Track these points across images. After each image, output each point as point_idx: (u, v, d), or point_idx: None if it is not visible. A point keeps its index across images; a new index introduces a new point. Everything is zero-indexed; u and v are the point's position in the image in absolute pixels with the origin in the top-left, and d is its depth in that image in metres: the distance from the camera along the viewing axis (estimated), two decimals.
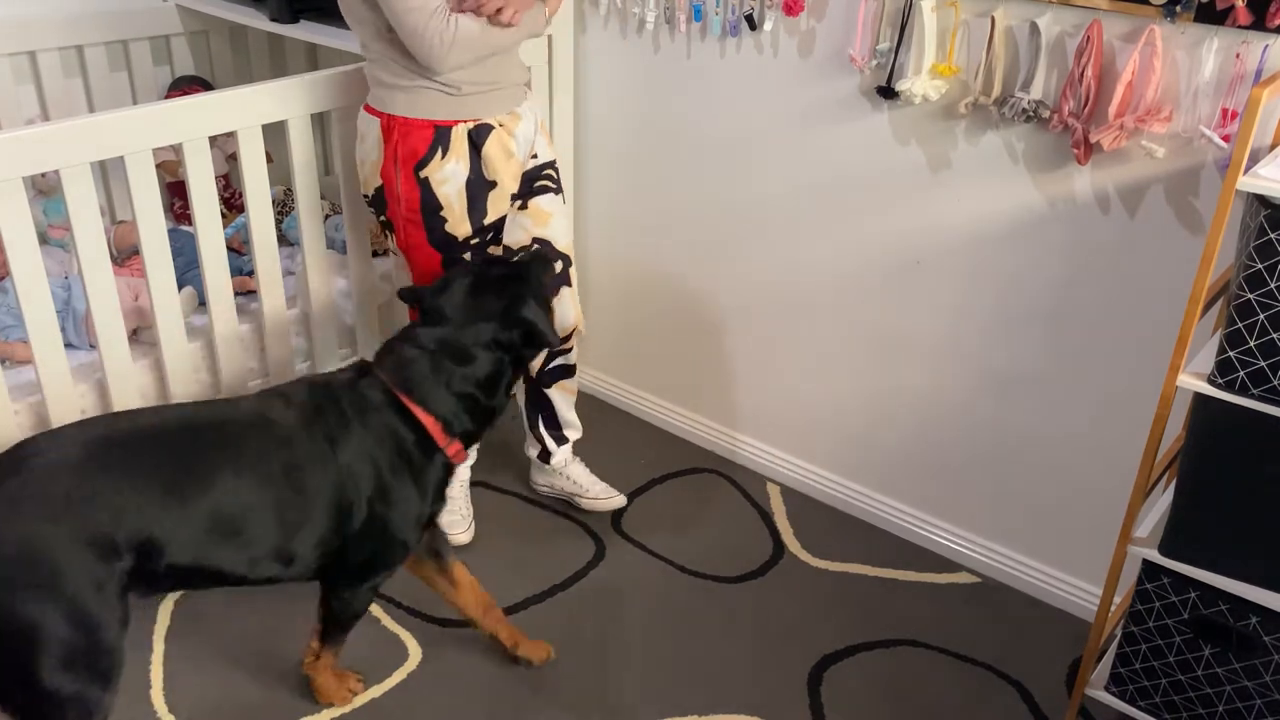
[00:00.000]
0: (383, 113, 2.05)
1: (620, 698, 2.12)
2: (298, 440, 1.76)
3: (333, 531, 1.80)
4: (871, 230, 2.39)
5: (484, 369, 1.89)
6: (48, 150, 1.88)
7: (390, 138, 2.05)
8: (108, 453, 1.62)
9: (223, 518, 1.69)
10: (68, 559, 1.53)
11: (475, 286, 1.93)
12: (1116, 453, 2.19)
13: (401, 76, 2.01)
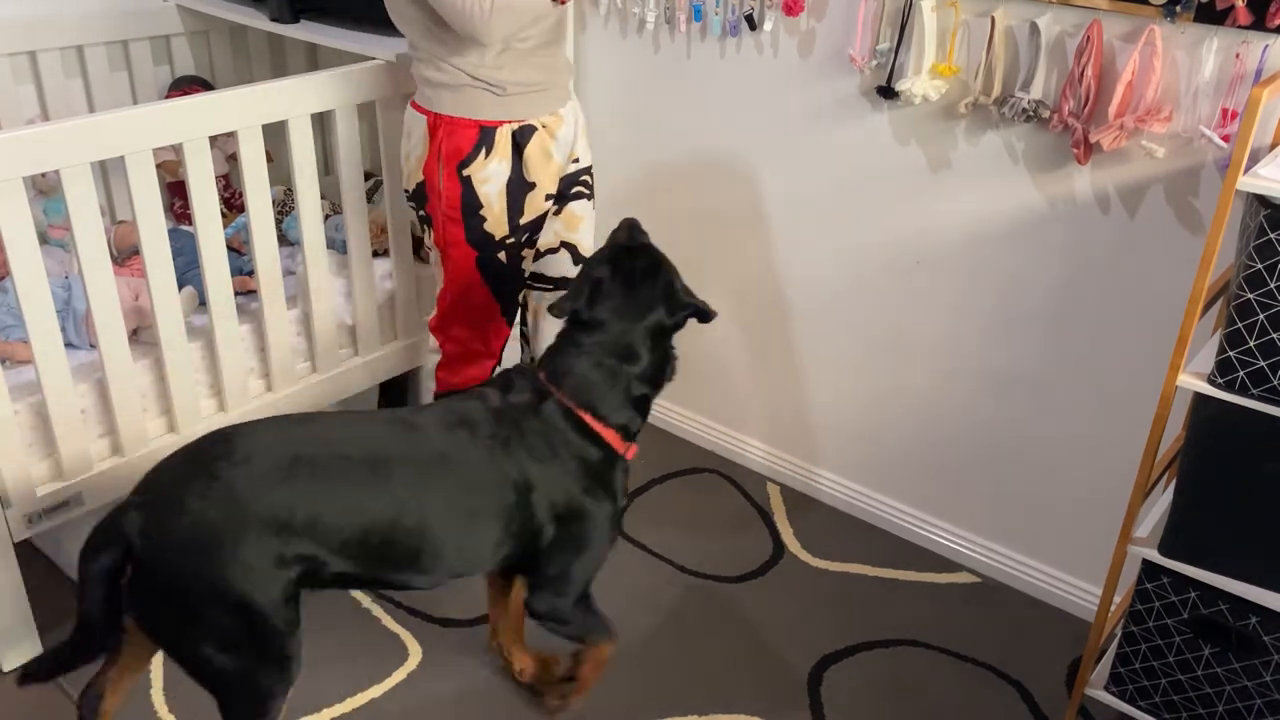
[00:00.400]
0: (429, 111, 2.06)
1: (620, 698, 2.12)
2: (485, 476, 1.75)
3: (519, 553, 1.81)
4: (871, 230, 2.39)
5: (654, 364, 1.87)
6: (48, 150, 1.88)
7: (435, 135, 2.06)
8: (306, 464, 1.63)
9: (403, 547, 1.69)
10: (235, 560, 1.56)
11: (625, 283, 1.86)
12: (1116, 453, 2.19)
13: (449, 75, 2.01)
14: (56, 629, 2.22)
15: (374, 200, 2.77)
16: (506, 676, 2.16)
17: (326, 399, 2.52)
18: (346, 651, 2.19)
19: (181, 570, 1.55)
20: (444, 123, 2.05)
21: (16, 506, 2.03)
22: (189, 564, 1.55)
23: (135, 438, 2.19)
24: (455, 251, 2.15)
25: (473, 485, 1.74)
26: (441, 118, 2.05)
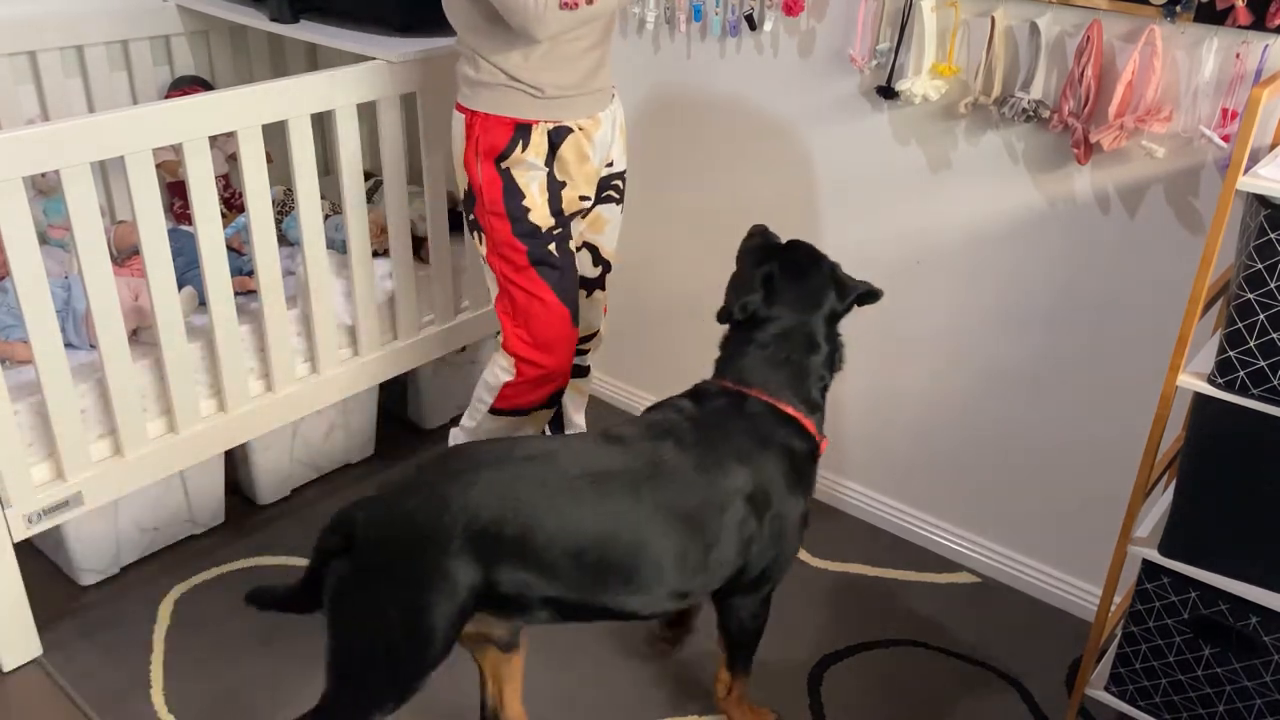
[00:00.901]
0: (467, 109, 2.07)
1: (620, 697, 2.12)
2: (700, 486, 1.70)
3: (736, 566, 1.76)
4: (871, 230, 2.39)
5: (832, 351, 1.87)
6: (48, 150, 1.88)
7: (472, 133, 2.06)
8: (524, 481, 1.62)
9: (619, 568, 1.65)
10: (448, 563, 1.57)
11: (793, 275, 1.86)
12: (1116, 453, 2.19)
13: (487, 74, 2.01)
14: (56, 628, 2.22)
15: (374, 200, 2.77)
16: None
17: (326, 399, 2.52)
18: None
19: (383, 563, 1.58)
20: (480, 119, 2.05)
21: (16, 506, 2.03)
22: (392, 558, 1.57)
23: (135, 438, 2.19)
24: (508, 250, 2.12)
25: (689, 496, 1.69)
26: (477, 115, 2.05)
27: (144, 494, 2.36)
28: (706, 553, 1.71)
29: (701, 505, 1.69)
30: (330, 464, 2.76)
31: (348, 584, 1.60)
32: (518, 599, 1.63)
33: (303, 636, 2.22)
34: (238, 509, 2.61)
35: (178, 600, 2.32)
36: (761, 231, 1.99)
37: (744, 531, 1.73)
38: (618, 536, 1.64)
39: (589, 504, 1.64)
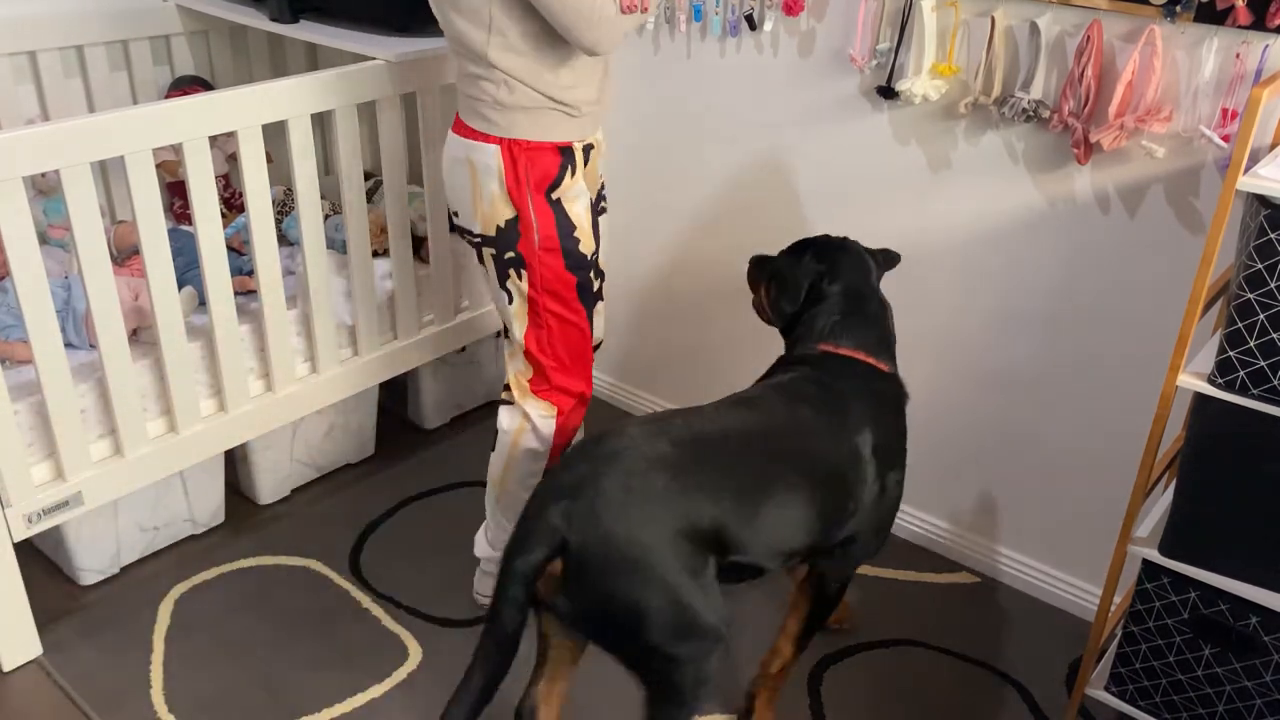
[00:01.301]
0: (504, 138, 1.89)
1: (620, 697, 2.12)
2: (835, 443, 1.80)
3: (860, 523, 1.85)
4: (871, 230, 2.39)
5: (887, 308, 2.03)
6: (48, 150, 1.88)
7: (515, 163, 1.91)
8: (692, 454, 1.65)
9: (781, 520, 1.72)
10: (665, 550, 1.58)
11: (840, 257, 2.03)
12: (1116, 453, 2.19)
13: (525, 97, 1.87)
14: (56, 628, 2.22)
15: (374, 200, 2.77)
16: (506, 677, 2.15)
17: (326, 399, 2.52)
18: (346, 651, 2.19)
19: (623, 558, 1.55)
20: (523, 148, 1.90)
21: (16, 506, 2.03)
22: (629, 552, 1.55)
23: (135, 438, 2.19)
24: (558, 285, 2.01)
25: (833, 453, 1.80)
26: (519, 143, 1.90)
27: (144, 494, 2.36)
28: (844, 507, 1.80)
29: (842, 461, 1.80)
30: (330, 464, 2.76)
31: (600, 599, 1.57)
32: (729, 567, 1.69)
33: (303, 636, 2.23)
34: (238, 509, 2.61)
35: (178, 600, 2.32)
36: (760, 258, 2.16)
37: (872, 487, 1.84)
38: (782, 495, 1.71)
39: (758, 466, 1.70)
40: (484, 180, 1.93)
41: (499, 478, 2.18)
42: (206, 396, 2.33)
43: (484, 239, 1.99)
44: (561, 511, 1.57)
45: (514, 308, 2.04)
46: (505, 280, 2.02)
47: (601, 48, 1.82)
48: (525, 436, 2.12)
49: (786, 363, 1.98)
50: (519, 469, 2.15)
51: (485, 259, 2.02)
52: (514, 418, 2.13)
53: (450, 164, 1.98)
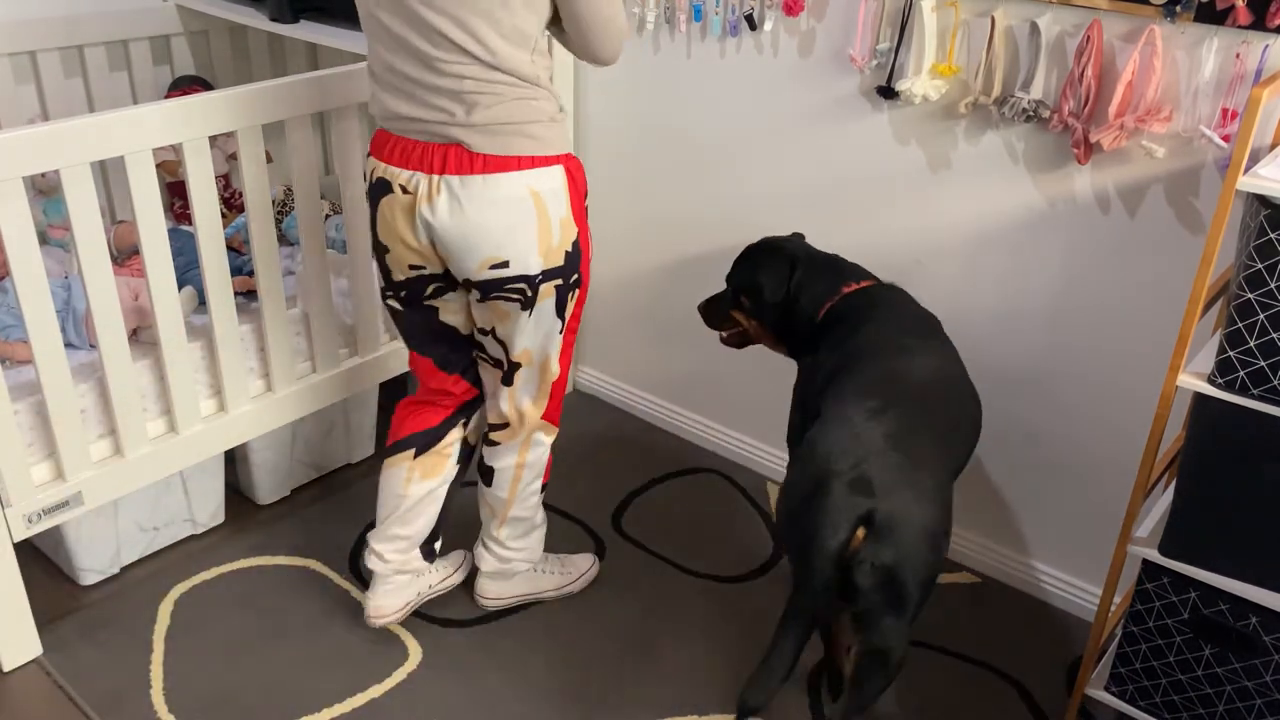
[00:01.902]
0: (560, 155, 1.81)
1: (620, 697, 2.12)
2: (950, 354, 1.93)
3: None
4: (871, 230, 2.39)
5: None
6: (48, 150, 1.88)
7: (575, 179, 1.85)
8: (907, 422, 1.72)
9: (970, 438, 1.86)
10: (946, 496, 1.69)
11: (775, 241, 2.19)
12: (1116, 453, 2.19)
13: (556, 108, 1.81)
14: (56, 628, 2.22)
15: None
16: (506, 676, 2.16)
17: (326, 399, 2.52)
18: (346, 651, 2.20)
19: (921, 514, 1.64)
20: (570, 161, 1.84)
21: (16, 506, 2.03)
22: (923, 508, 1.64)
23: (135, 438, 2.19)
24: (583, 295, 1.99)
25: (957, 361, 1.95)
26: (569, 157, 1.84)
27: (144, 494, 2.36)
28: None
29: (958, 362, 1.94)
30: (330, 464, 2.76)
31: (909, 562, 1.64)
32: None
33: (303, 637, 2.23)
34: (238, 509, 2.61)
35: (178, 600, 2.32)
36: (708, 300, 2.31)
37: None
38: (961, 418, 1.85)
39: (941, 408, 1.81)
40: (553, 208, 1.80)
41: (504, 506, 2.16)
42: (206, 396, 2.33)
43: (548, 273, 1.85)
44: (855, 488, 1.63)
45: (560, 336, 1.96)
46: (564, 309, 1.93)
47: (617, 58, 1.82)
48: (527, 470, 2.13)
49: (837, 321, 2.04)
50: (525, 492, 2.16)
51: (542, 296, 1.88)
52: (513, 453, 2.10)
53: (499, 206, 1.76)
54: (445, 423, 2.13)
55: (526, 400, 2.04)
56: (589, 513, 2.63)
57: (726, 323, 2.28)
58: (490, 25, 1.68)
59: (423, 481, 2.13)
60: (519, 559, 2.25)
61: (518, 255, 1.81)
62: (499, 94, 1.73)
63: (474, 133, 1.74)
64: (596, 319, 3.07)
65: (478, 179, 1.75)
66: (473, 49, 1.69)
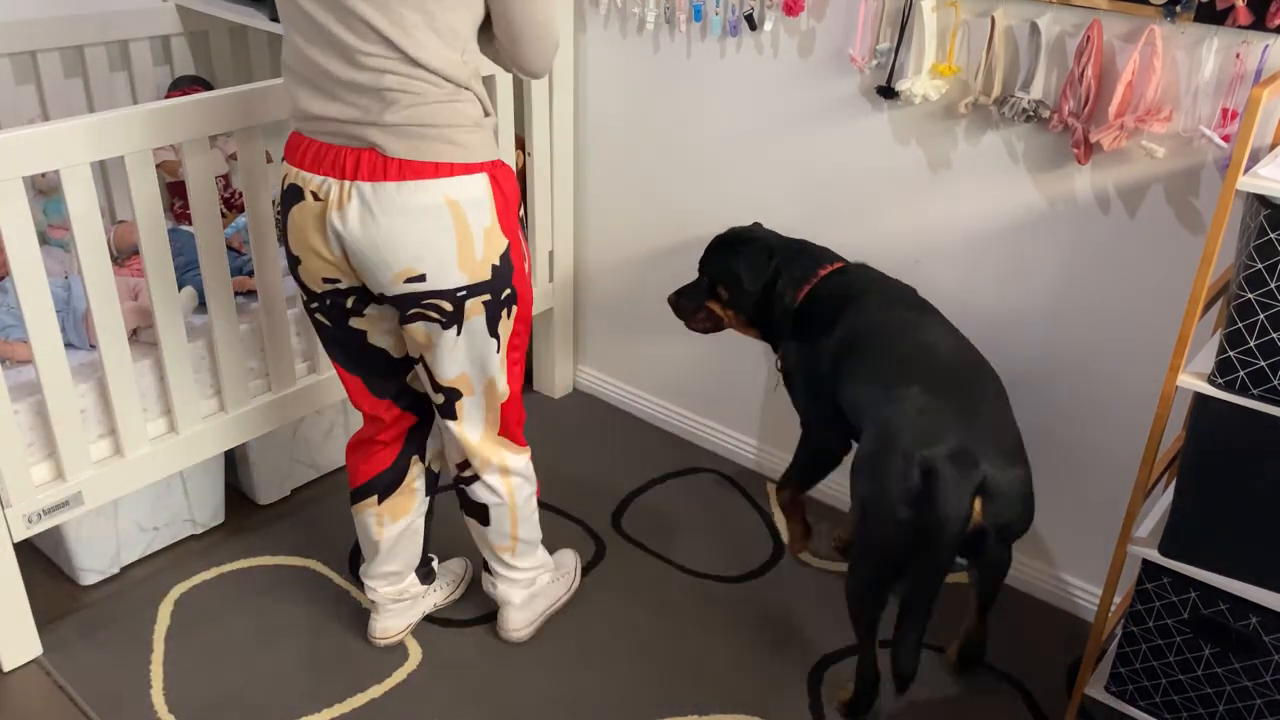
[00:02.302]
0: (485, 162, 1.69)
1: (620, 697, 2.12)
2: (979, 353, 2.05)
3: None
4: (871, 230, 2.39)
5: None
6: (48, 150, 1.88)
7: (503, 186, 1.72)
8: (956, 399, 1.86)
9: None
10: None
11: (743, 230, 2.32)
12: (1116, 453, 2.19)
13: (477, 109, 1.68)
14: (56, 628, 2.22)
15: None
16: (506, 676, 2.16)
17: (326, 399, 2.52)
18: (346, 651, 2.20)
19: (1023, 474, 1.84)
20: (499, 167, 1.72)
21: (16, 506, 2.03)
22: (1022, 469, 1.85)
23: (135, 438, 2.19)
24: (527, 310, 1.86)
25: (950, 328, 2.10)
26: (496, 164, 1.72)
27: (144, 494, 2.36)
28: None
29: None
30: (330, 464, 2.76)
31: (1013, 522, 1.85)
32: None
33: (303, 637, 2.23)
34: (238, 509, 2.61)
35: (178, 600, 2.32)
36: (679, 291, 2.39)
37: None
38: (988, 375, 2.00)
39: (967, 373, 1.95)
40: (474, 218, 1.68)
41: (511, 539, 2.09)
42: (206, 396, 2.33)
43: (472, 288, 1.73)
44: (958, 462, 1.76)
45: (500, 354, 1.84)
46: (498, 325, 1.80)
47: (546, 70, 1.73)
48: (517, 495, 2.04)
49: (820, 301, 2.14)
50: (524, 515, 2.08)
51: (468, 314, 1.75)
52: (498, 483, 2.00)
53: (407, 217, 1.65)
54: (398, 460, 2.04)
55: (474, 432, 1.91)
56: (589, 513, 2.63)
57: (700, 313, 2.35)
58: (421, 17, 1.57)
59: (394, 524, 2.08)
60: (541, 575, 2.22)
61: (435, 268, 1.68)
62: (420, 93, 1.61)
63: (389, 134, 1.62)
64: (597, 319, 3.07)
65: (391, 186, 1.63)
66: (399, 41, 1.58)
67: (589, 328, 3.10)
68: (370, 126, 1.63)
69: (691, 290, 2.36)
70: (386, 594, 2.15)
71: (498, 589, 2.18)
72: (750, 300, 2.24)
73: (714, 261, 2.30)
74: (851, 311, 2.06)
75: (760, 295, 2.22)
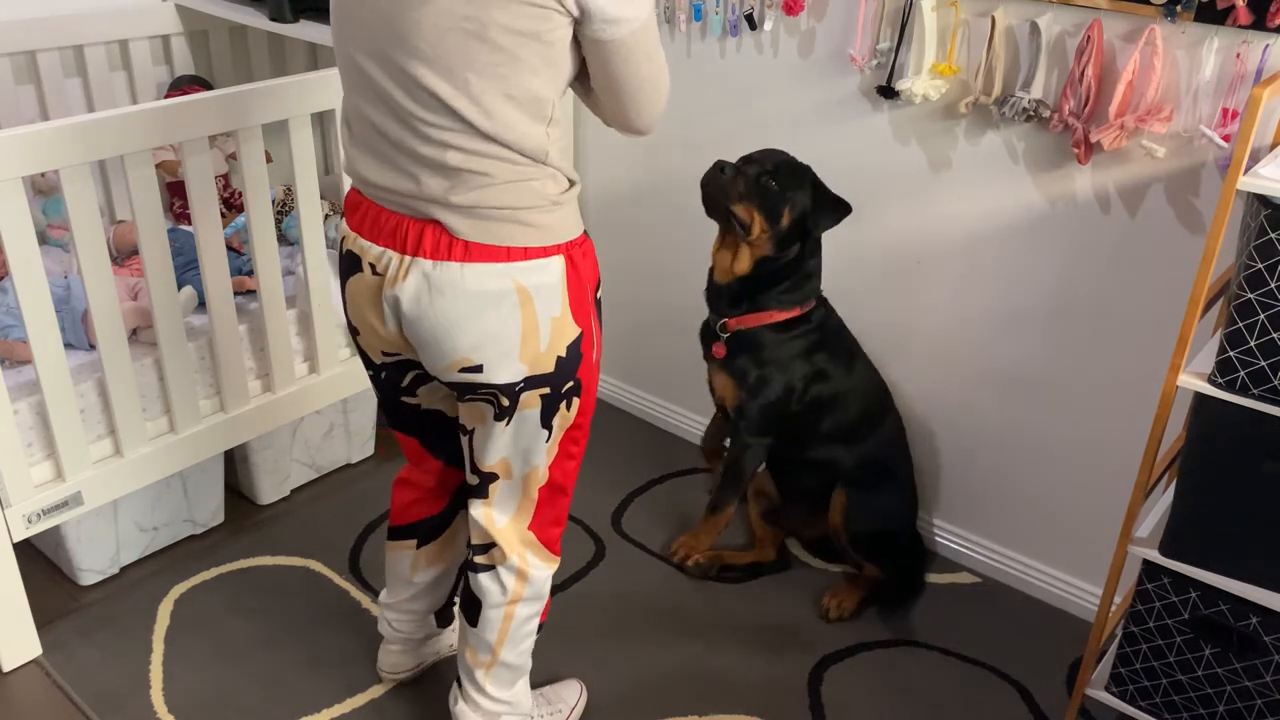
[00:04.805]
0: (562, 244, 1.50)
1: (620, 697, 2.12)
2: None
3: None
4: (871, 230, 2.39)
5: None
6: (48, 150, 1.88)
7: (580, 269, 1.53)
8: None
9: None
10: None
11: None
12: (1116, 453, 2.19)
13: (561, 184, 1.49)
14: (56, 628, 2.22)
15: None
16: None
17: (326, 399, 2.52)
18: (346, 651, 2.19)
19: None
20: (578, 247, 1.53)
21: (16, 506, 2.03)
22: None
23: (135, 438, 2.19)
24: (587, 408, 1.65)
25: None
26: (574, 244, 1.52)
27: (144, 494, 2.36)
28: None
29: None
30: (330, 464, 2.76)
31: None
32: None
33: (302, 637, 2.23)
34: (238, 509, 2.61)
35: (178, 600, 2.32)
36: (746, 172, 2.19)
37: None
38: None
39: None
40: (543, 307, 1.49)
41: (492, 652, 1.78)
42: (206, 396, 2.33)
43: (531, 380, 1.54)
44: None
45: (549, 443, 1.62)
46: (553, 417, 1.60)
47: (653, 128, 1.53)
48: (521, 607, 1.75)
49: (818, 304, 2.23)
50: (514, 642, 1.79)
51: (524, 405, 1.56)
52: (509, 582, 1.73)
53: (476, 302, 1.47)
54: (448, 509, 1.89)
55: (502, 517, 1.70)
56: (589, 513, 2.63)
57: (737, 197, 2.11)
58: (493, 83, 1.36)
59: (429, 569, 1.92)
60: (507, 713, 1.85)
61: (494, 360, 1.50)
62: (490, 174, 1.42)
63: (456, 215, 1.44)
64: None
65: (455, 267, 1.45)
66: (467, 113, 1.37)
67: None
68: (434, 204, 1.45)
69: (746, 178, 2.11)
70: (402, 631, 2.02)
71: (454, 697, 1.86)
72: (781, 238, 2.10)
73: (794, 176, 2.10)
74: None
75: (802, 250, 2.13)
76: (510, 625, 1.76)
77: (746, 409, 2.23)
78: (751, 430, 2.24)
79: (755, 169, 2.12)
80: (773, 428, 2.24)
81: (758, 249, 2.15)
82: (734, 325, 2.21)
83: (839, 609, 2.31)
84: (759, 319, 2.18)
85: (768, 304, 2.18)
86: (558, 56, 1.38)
